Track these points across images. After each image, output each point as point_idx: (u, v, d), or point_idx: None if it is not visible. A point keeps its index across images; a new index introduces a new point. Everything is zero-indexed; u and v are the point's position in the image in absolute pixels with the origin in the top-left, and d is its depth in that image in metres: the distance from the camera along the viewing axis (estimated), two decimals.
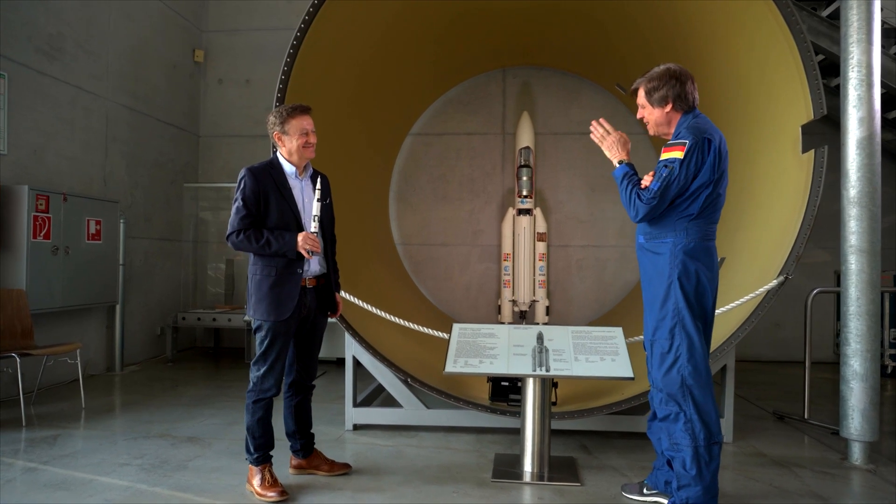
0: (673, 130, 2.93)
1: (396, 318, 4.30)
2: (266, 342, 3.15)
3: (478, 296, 7.61)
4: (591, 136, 3.09)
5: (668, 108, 2.89)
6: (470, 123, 7.66)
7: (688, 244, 2.80)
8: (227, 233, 3.12)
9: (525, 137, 7.04)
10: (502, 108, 7.67)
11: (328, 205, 3.35)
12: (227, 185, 8.06)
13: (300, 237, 3.10)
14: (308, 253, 3.11)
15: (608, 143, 3.03)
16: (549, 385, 3.60)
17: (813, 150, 4.01)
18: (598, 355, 3.56)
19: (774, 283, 3.87)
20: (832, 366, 7.38)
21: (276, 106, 4.21)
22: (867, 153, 3.76)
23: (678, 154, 2.72)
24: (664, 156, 2.79)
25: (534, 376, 3.50)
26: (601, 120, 3.09)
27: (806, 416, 4.77)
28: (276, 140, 3.23)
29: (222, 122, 8.33)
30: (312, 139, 3.24)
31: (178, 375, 6.38)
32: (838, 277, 7.45)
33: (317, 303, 3.33)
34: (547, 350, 3.61)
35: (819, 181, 3.92)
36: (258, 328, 3.17)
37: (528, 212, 7.01)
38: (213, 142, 8.35)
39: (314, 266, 3.27)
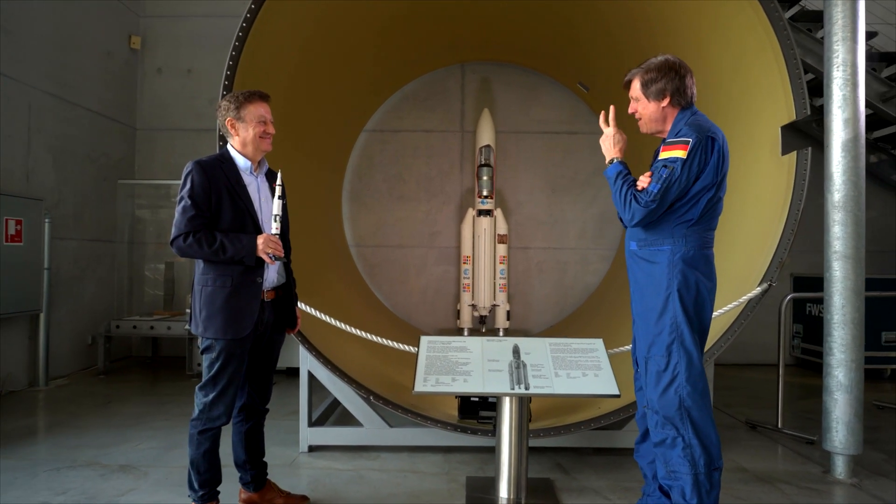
0: (668, 128, 2.69)
1: (361, 332, 3.95)
2: (217, 364, 2.74)
3: (435, 299, 7.31)
4: (601, 117, 2.83)
5: (666, 102, 2.64)
6: (427, 120, 7.34)
7: (687, 252, 2.56)
8: (172, 236, 2.69)
9: (486, 136, 6.78)
10: (461, 105, 7.39)
11: (285, 206, 2.97)
12: (166, 183, 7.49)
13: (260, 240, 2.71)
14: (270, 258, 2.73)
15: (603, 136, 2.78)
16: (527, 403, 3.32)
17: (794, 152, 3.86)
18: (580, 370, 3.29)
19: (758, 290, 3.70)
20: (790, 368, 7.41)
21: (221, 97, 3.81)
22: (852, 156, 3.63)
23: (680, 153, 2.47)
24: (664, 154, 2.53)
25: (513, 395, 3.21)
26: (612, 107, 2.83)
27: (780, 425, 4.65)
28: (229, 128, 2.83)
29: (161, 115, 7.74)
30: (271, 129, 2.86)
31: (110, 390, 5.83)
32: (794, 280, 7.51)
33: (274, 317, 2.95)
34: (525, 365, 3.32)
35: (802, 184, 3.76)
36: (208, 348, 2.75)
37: (488, 213, 6.76)
38: (151, 135, 7.75)
39: (272, 275, 2.89)
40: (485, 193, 6.72)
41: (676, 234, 2.56)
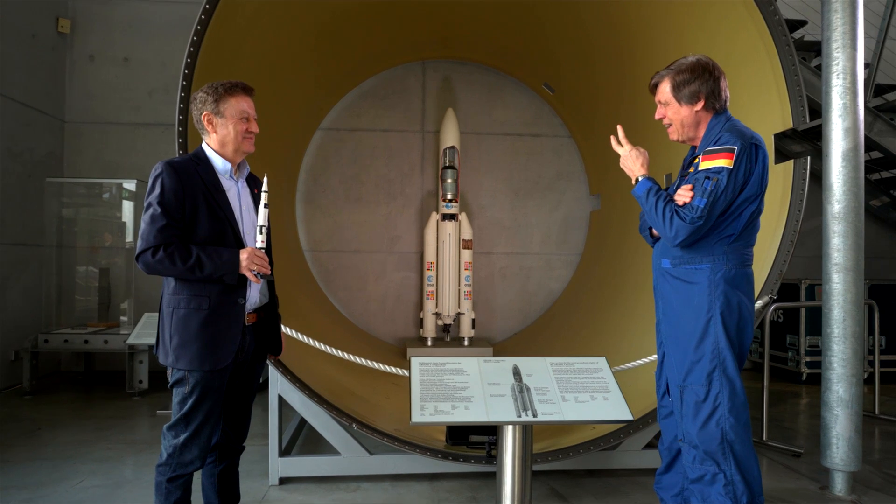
0: (701, 134, 2.48)
1: (345, 355, 3.60)
2: (192, 401, 2.34)
3: (394, 307, 6.98)
4: (612, 140, 2.58)
5: (699, 106, 2.42)
6: (386, 119, 7.01)
7: (728, 271, 2.35)
8: (139, 249, 2.27)
9: (450, 136, 6.51)
10: (422, 104, 7.08)
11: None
12: (98, 181, 6.84)
13: (244, 255, 2.33)
14: (256, 276, 2.35)
15: (623, 156, 2.54)
16: (531, 431, 3.05)
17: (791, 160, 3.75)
18: (588, 393, 3.05)
19: (759, 303, 3.56)
20: (749, 373, 7.47)
21: (181, 88, 3.40)
22: (853, 166, 3.54)
23: (725, 162, 2.25)
24: (706, 164, 2.30)
25: (520, 424, 2.93)
26: (619, 127, 2.59)
27: (764, 438, 4.57)
28: (206, 123, 2.43)
29: (94, 107, 7.06)
30: (254, 128, 2.48)
31: (39, 413, 5.20)
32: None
33: (255, 342, 2.57)
34: (528, 388, 3.05)
35: (801, 193, 3.66)
36: (180, 381, 2.35)
37: (453, 217, 6.48)
38: (82, 129, 7.05)
39: (254, 295, 2.51)
40: (449, 197, 6.45)
41: (716, 252, 2.35)
